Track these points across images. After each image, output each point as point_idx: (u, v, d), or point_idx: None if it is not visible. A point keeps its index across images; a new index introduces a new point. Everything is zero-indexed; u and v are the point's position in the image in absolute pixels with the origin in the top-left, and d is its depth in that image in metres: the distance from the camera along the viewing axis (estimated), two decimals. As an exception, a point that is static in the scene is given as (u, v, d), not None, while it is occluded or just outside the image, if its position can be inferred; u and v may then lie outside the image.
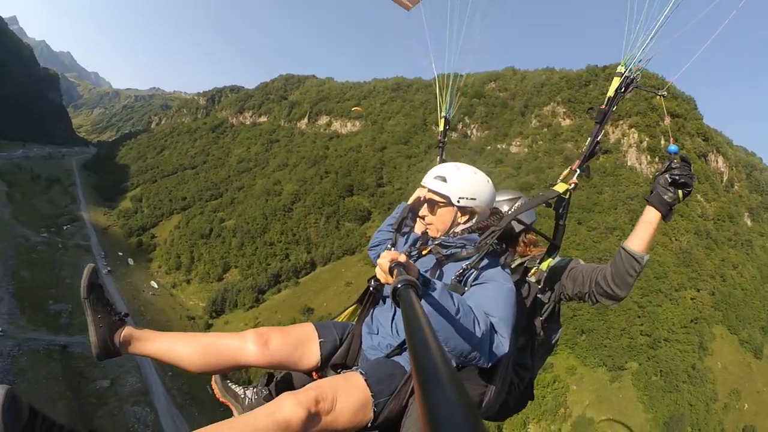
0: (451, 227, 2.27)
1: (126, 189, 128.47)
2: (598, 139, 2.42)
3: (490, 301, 1.92)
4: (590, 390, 54.13)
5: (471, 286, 2.04)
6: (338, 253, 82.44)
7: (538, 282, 2.50)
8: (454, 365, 1.96)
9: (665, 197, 2.15)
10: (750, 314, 62.16)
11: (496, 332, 1.83)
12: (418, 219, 2.56)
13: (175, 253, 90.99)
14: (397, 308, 1.25)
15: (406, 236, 2.63)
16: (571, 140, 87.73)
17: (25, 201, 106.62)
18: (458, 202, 2.21)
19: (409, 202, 2.71)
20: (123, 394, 58.19)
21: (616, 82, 2.38)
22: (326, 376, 2.24)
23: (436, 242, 2.27)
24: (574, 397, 53.54)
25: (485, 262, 2.10)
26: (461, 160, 2.51)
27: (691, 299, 62.32)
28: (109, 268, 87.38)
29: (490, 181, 2.34)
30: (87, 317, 2.15)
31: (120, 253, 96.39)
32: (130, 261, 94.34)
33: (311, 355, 2.28)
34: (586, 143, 2.45)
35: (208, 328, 74.76)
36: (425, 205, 2.33)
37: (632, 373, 54.83)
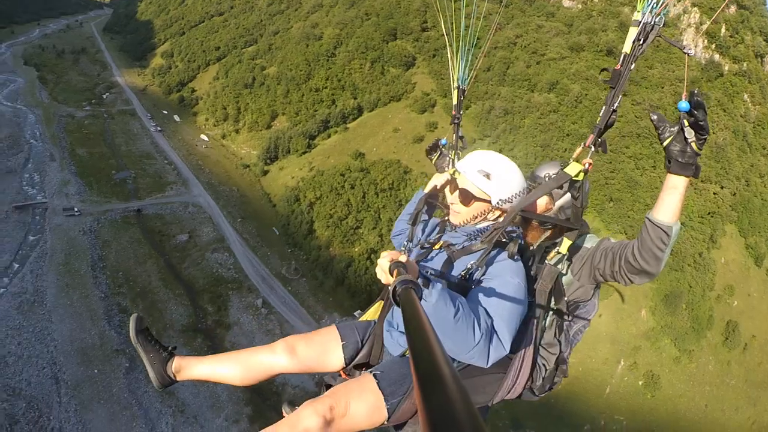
0: (476, 221, 2.21)
1: (154, 46, 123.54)
2: (615, 106, 2.05)
3: (492, 300, 1.88)
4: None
5: (477, 281, 2.02)
6: (384, 99, 79.83)
7: (557, 263, 2.30)
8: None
9: (683, 159, 1.87)
10: (762, 224, 63.13)
11: (496, 333, 1.81)
12: (441, 203, 2.51)
13: (220, 105, 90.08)
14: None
15: (423, 224, 2.56)
16: (629, 4, 75.79)
17: (59, 80, 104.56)
18: (498, 203, 2.13)
19: (426, 189, 2.56)
20: (202, 244, 62.09)
21: (632, 33, 1.99)
22: (353, 376, 2.36)
23: (448, 237, 2.26)
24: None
25: (492, 254, 2.06)
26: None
27: (714, 194, 63.12)
28: (159, 128, 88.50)
29: (525, 181, 2.23)
30: (142, 358, 2.42)
31: (165, 112, 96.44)
32: (176, 118, 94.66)
33: (336, 358, 2.39)
34: (601, 113, 2.09)
35: (264, 174, 76.37)
36: (457, 192, 2.21)
37: None
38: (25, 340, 43.45)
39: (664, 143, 1.92)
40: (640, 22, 1.94)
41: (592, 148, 2.13)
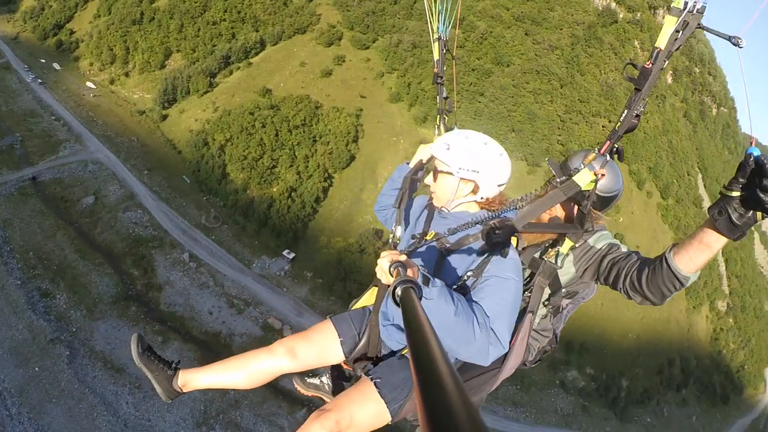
0: (453, 199, 2.16)
1: None
2: (640, 111, 1.87)
3: (490, 298, 1.85)
4: (513, 177, 61.86)
5: (472, 277, 1.99)
6: (289, 32, 75.92)
7: (556, 260, 2.26)
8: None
9: (740, 223, 1.59)
10: (643, 153, 69.43)
11: (494, 332, 1.79)
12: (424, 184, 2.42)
13: (106, 46, 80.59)
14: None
15: (409, 205, 2.47)
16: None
17: None
18: (458, 172, 2.08)
19: (411, 164, 2.50)
20: (111, 205, 56.96)
21: (669, 23, 1.73)
22: (355, 371, 2.41)
23: (438, 226, 2.19)
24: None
25: (486, 252, 1.99)
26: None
27: (602, 126, 68.72)
28: (39, 80, 77.34)
29: (505, 155, 2.13)
30: (149, 378, 2.46)
31: (42, 60, 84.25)
32: (56, 66, 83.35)
33: (335, 355, 2.42)
34: (622, 116, 1.89)
35: (163, 119, 71.05)
36: (431, 172, 2.23)
37: (545, 171, 60.81)
38: None
39: (732, 193, 1.58)
40: (683, 10, 1.65)
41: (608, 157, 1.95)
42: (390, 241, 2.33)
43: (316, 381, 2.61)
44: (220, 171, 60.63)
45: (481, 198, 2.13)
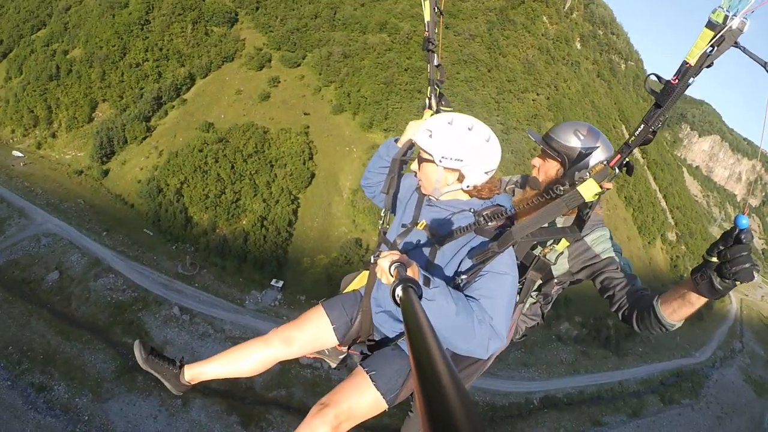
0: (438, 188, 2.10)
1: None
2: (658, 126, 1.81)
3: (488, 295, 1.88)
4: None
5: (468, 272, 1.99)
6: (217, 62, 74.97)
7: (550, 256, 2.32)
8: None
9: (721, 288, 1.71)
10: (571, 117, 75.18)
11: (493, 328, 1.82)
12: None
13: (25, 109, 75.91)
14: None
15: (396, 188, 2.46)
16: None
17: None
18: (440, 161, 2.01)
19: (400, 143, 2.44)
20: (78, 276, 53.83)
21: (705, 38, 1.59)
22: (350, 356, 2.57)
23: (428, 214, 2.18)
24: None
25: (480, 246, 2.00)
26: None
27: (532, 100, 74.70)
28: None
29: (494, 141, 2.05)
30: (157, 376, 2.67)
31: None
32: (-27, 140, 77.99)
33: (330, 340, 2.50)
34: (637, 130, 1.83)
35: (105, 175, 68.62)
36: (417, 158, 2.19)
37: None
38: None
39: (712, 259, 1.72)
40: (723, 25, 1.55)
41: (616, 170, 1.94)
42: (380, 227, 2.42)
43: None
44: (183, 216, 59.83)
45: (468, 186, 2.09)
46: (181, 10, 77.85)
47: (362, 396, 2.15)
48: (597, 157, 2.27)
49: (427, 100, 2.76)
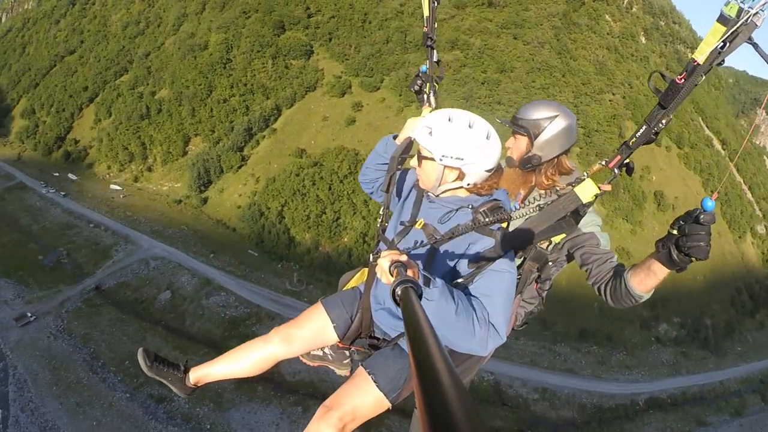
0: (438, 185, 2.08)
1: (8, 108, 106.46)
2: (660, 128, 1.87)
3: (487, 291, 1.90)
4: None
5: (468, 272, 2.00)
6: (300, 92, 79.30)
7: (546, 247, 2.37)
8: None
9: (678, 260, 1.83)
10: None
11: (493, 325, 1.85)
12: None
13: (120, 146, 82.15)
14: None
15: (397, 184, 2.46)
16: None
17: None
18: (441, 160, 1.98)
19: (399, 140, 2.44)
20: (190, 295, 57.03)
21: (716, 33, 1.56)
22: (351, 352, 2.57)
23: (426, 212, 2.17)
24: None
25: (480, 242, 2.00)
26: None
27: (609, 100, 75.77)
28: (62, 193, 77.52)
29: (494, 138, 2.02)
30: (164, 382, 2.72)
31: (56, 174, 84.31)
32: (72, 176, 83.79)
33: (330, 338, 2.52)
34: (638, 131, 1.91)
35: (204, 203, 72.84)
36: (416, 155, 2.15)
37: (576, 154, 68.59)
38: None
39: (673, 230, 1.79)
40: (737, 19, 1.44)
41: (616, 171, 1.99)
42: (378, 226, 2.42)
43: (319, 353, 2.69)
44: (286, 236, 63.05)
45: (468, 184, 2.06)
46: (259, 47, 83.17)
47: (365, 396, 2.17)
48: (558, 124, 2.36)
49: (425, 97, 2.74)
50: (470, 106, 69.65)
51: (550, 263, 2.45)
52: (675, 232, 1.79)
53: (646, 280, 2.04)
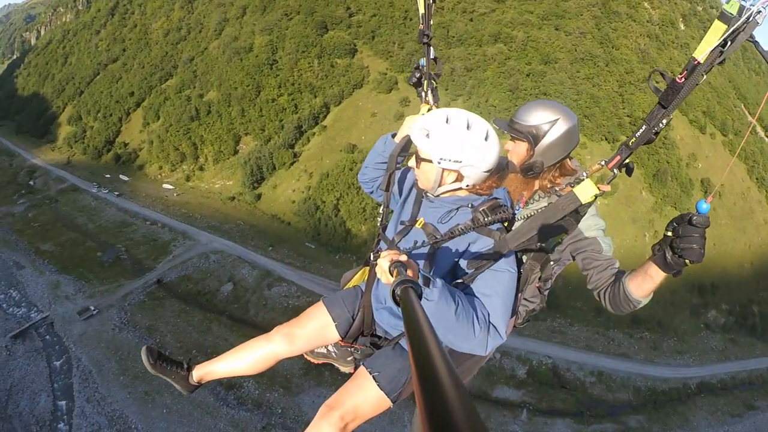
0: (436, 187, 2.08)
1: (54, 116, 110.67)
2: (660, 128, 1.86)
3: (487, 291, 1.91)
4: (600, 156, 68.52)
5: (468, 272, 1.99)
6: (348, 90, 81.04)
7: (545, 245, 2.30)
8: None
9: (672, 263, 1.83)
10: (695, 102, 76.87)
11: (493, 326, 1.86)
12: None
13: (171, 147, 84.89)
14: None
15: (398, 183, 2.48)
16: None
17: None
18: (439, 162, 1.97)
19: (397, 138, 2.48)
20: (252, 286, 58.44)
21: (716, 32, 1.57)
22: (353, 348, 2.57)
23: (426, 211, 2.18)
24: (590, 163, 67.35)
25: (478, 243, 2.00)
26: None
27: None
28: (116, 193, 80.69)
29: (492, 138, 2.00)
30: (167, 380, 2.72)
31: (107, 176, 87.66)
32: (123, 177, 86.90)
33: (331, 337, 2.53)
34: (638, 131, 1.89)
35: (257, 199, 74.89)
36: (414, 155, 2.15)
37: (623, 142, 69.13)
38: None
39: (667, 232, 1.78)
40: (739, 17, 1.44)
41: (615, 171, 1.98)
42: (378, 225, 2.46)
43: (323, 350, 2.68)
44: (342, 228, 64.79)
45: (467, 186, 2.06)
46: (304, 48, 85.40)
47: (366, 395, 2.19)
48: (560, 128, 2.29)
49: (423, 94, 2.77)
50: (516, 98, 71.08)
51: (552, 262, 2.41)
52: (669, 234, 1.78)
53: (643, 285, 2.02)
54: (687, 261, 1.74)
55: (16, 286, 58.66)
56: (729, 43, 1.54)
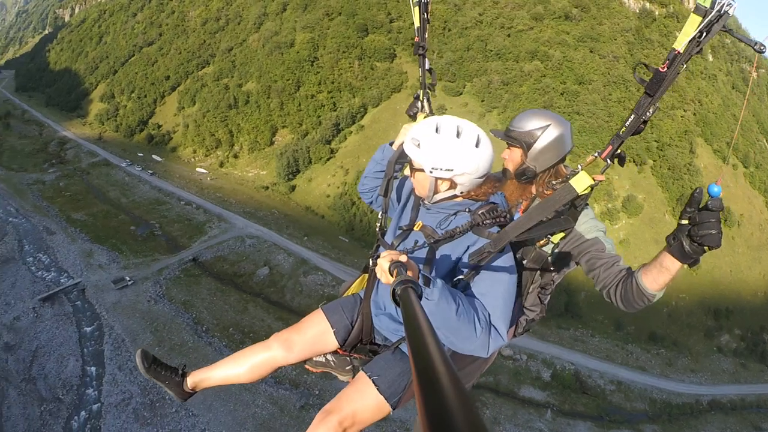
0: (431, 195, 2.10)
1: (86, 92, 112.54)
2: (648, 117, 1.88)
3: (487, 293, 1.93)
4: (627, 178, 72.08)
5: (468, 273, 2.00)
6: (386, 93, 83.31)
7: (545, 247, 2.33)
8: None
9: (691, 251, 1.77)
10: (719, 132, 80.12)
11: (494, 327, 1.88)
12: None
13: (207, 133, 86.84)
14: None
15: (397, 189, 2.53)
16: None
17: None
18: (431, 172, 1.99)
19: (395, 146, 2.48)
20: (287, 272, 59.30)
21: (692, 24, 1.69)
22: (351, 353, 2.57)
23: (425, 216, 2.20)
24: (617, 184, 71.35)
25: (477, 245, 2.00)
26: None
27: (681, 116, 78.98)
28: (150, 171, 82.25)
29: (484, 143, 2.00)
30: (160, 385, 2.74)
31: (140, 154, 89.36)
32: (156, 157, 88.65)
33: (330, 344, 2.55)
34: (627, 121, 1.91)
35: (291, 190, 76.97)
36: (408, 164, 2.18)
37: (650, 167, 73.56)
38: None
39: (683, 221, 1.75)
40: (710, 9, 1.62)
41: (608, 162, 2.02)
42: (378, 229, 2.47)
43: (321, 359, 2.63)
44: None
45: (462, 192, 2.09)
46: (345, 48, 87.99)
47: (365, 401, 2.18)
48: (551, 134, 2.34)
49: (419, 104, 2.83)
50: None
51: (552, 268, 2.41)
52: (685, 222, 1.75)
53: (658, 278, 1.95)
54: (706, 247, 1.72)
55: (46, 250, 59.48)
56: (704, 33, 1.69)
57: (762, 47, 1.68)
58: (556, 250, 2.38)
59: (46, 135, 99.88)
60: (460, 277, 2.02)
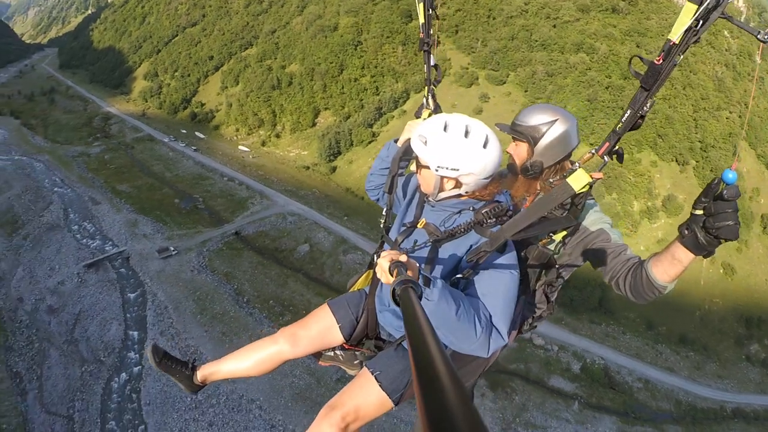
0: (436, 193, 2.10)
1: (130, 70, 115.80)
2: (645, 112, 1.80)
3: (488, 292, 1.92)
4: (668, 177, 71.61)
5: (469, 272, 1.98)
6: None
7: (549, 245, 2.29)
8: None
9: (705, 242, 1.66)
10: (764, 136, 78.24)
11: (494, 326, 1.87)
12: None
13: (250, 112, 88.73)
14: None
15: (402, 186, 2.54)
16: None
17: (46, 122, 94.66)
18: (437, 170, 1.98)
19: (399, 143, 2.51)
20: (327, 250, 60.36)
21: (688, 13, 1.59)
22: (357, 348, 2.62)
23: (429, 214, 2.19)
24: (658, 182, 71.02)
25: (479, 242, 2.01)
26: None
27: (726, 118, 77.46)
28: (193, 147, 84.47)
29: (492, 144, 1.98)
30: (171, 378, 2.84)
31: (183, 131, 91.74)
32: (199, 134, 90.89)
33: (336, 339, 2.59)
34: (624, 115, 1.84)
35: (332, 171, 78.37)
36: (414, 161, 2.16)
37: (693, 167, 72.79)
38: (219, 416, 37.06)
39: (697, 212, 1.65)
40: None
41: (606, 158, 1.98)
42: (381, 226, 2.51)
43: (330, 353, 2.68)
44: (418, 210, 68.07)
45: (467, 192, 2.07)
46: (389, 33, 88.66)
47: (368, 396, 2.21)
48: (558, 129, 2.32)
49: (424, 100, 2.90)
50: (594, 108, 73.78)
51: (557, 265, 2.38)
52: (700, 212, 1.65)
53: (670, 269, 1.87)
54: (722, 240, 1.62)
55: (91, 219, 61.98)
56: (701, 22, 1.61)
57: (765, 35, 1.53)
58: (561, 247, 2.35)
59: (90, 110, 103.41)
60: (461, 275, 2.02)
